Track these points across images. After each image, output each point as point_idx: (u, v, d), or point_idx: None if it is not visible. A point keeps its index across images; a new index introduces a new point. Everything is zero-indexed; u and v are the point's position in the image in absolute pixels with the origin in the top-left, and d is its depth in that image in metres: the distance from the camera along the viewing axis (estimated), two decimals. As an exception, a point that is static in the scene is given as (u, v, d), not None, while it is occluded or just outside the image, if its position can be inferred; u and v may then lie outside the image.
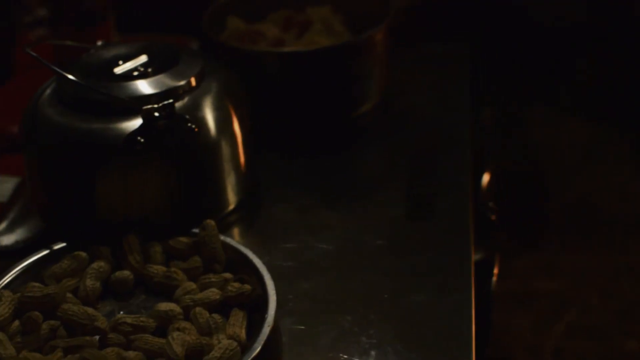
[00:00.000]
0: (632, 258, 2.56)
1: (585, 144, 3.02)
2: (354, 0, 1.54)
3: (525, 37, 3.23)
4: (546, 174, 2.89)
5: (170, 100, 1.09)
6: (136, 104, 1.09)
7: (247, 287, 1.00)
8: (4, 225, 1.20)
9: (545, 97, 3.22)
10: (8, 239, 1.18)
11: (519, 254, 2.53)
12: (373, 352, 0.95)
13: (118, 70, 1.16)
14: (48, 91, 1.17)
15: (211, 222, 1.07)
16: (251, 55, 1.39)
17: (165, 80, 1.14)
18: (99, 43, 1.27)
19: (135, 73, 1.15)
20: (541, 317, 2.35)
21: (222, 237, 1.07)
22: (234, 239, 1.12)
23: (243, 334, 0.94)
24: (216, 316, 0.97)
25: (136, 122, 1.09)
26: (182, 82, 1.14)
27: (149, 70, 1.15)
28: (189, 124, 1.10)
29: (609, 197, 2.78)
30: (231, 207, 1.20)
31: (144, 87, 1.12)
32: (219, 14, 1.51)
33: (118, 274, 1.05)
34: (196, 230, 1.08)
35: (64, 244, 1.09)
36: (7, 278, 1.04)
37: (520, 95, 3.18)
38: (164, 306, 0.97)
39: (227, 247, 1.07)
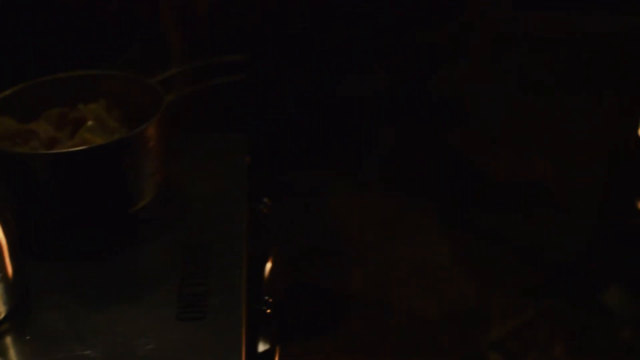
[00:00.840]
0: (431, 328, 2.62)
1: (386, 217, 3.09)
2: (128, 94, 1.52)
3: (324, 109, 3.29)
4: (347, 249, 2.92)
5: None
6: None
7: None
8: None
9: (346, 170, 3.28)
10: None
11: (320, 334, 2.54)
12: None
13: None
14: None
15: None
16: (19, 158, 1.35)
17: None
18: None
19: None
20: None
21: (-18, 353, 1.03)
22: (3, 352, 1.08)
23: None
24: None
25: None
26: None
27: None
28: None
29: (408, 269, 2.83)
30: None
31: None
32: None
33: None
34: (-45, 348, 1.04)
35: None
36: None
37: (320, 169, 3.23)
38: None
39: (-14, 364, 1.03)
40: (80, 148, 1.37)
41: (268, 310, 1.29)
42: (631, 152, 2.52)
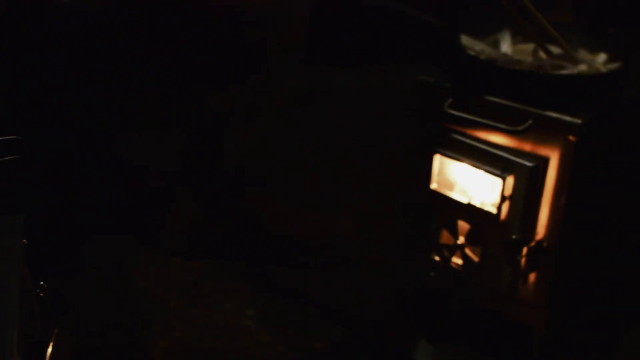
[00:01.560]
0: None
1: (190, 284, 3.06)
2: None
3: (118, 178, 3.25)
4: (151, 320, 2.87)
5: None
6: None
7: None
8: None
9: (147, 239, 3.24)
10: None
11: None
12: None
13: None
14: None
15: None
16: None
17: None
18: None
19: None
20: None
21: None
22: None
23: None
24: None
25: None
26: None
27: None
28: None
29: (214, 336, 2.81)
30: None
31: None
32: None
33: None
34: None
35: None
36: None
37: (120, 241, 3.19)
38: None
39: None
40: None
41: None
42: (426, 205, 2.58)
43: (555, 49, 2.44)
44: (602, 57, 2.48)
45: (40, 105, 2.47)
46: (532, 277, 2.44)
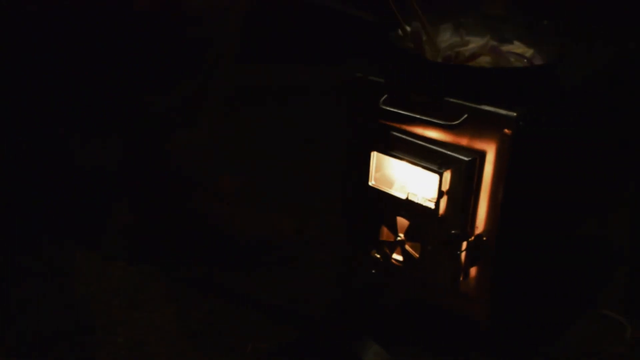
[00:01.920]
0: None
1: (132, 289, 3.03)
2: None
3: (56, 183, 3.21)
4: (93, 327, 2.83)
5: None
6: None
7: None
8: None
9: (87, 244, 3.21)
10: None
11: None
12: None
13: None
14: None
15: None
16: None
17: None
18: None
19: None
20: None
21: None
22: None
23: None
24: None
25: None
26: None
27: None
28: None
29: (157, 340, 2.78)
30: None
31: None
32: None
33: None
34: None
35: None
36: None
37: (62, 247, 3.15)
38: None
39: None
40: None
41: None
42: (365, 202, 2.57)
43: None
44: (535, 49, 2.48)
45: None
46: (473, 272, 2.44)
